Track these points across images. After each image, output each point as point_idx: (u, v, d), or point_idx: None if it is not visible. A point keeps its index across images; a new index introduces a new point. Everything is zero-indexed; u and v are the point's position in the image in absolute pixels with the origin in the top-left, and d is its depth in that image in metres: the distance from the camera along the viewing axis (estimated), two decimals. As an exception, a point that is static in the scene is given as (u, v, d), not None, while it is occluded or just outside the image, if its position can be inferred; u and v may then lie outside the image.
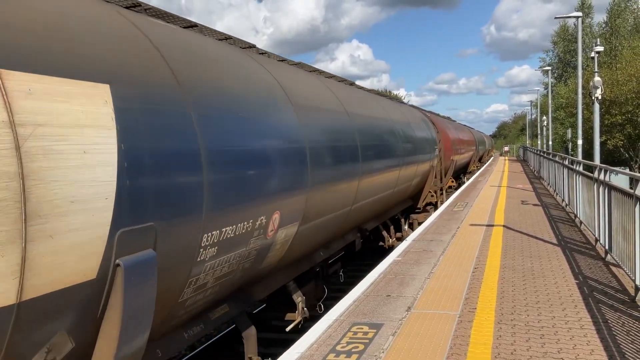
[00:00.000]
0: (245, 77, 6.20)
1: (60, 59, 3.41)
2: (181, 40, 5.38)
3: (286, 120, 6.63)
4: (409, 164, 14.22)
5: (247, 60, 6.76)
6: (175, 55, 4.84)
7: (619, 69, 45.70)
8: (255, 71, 6.65)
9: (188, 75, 4.82)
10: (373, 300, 7.06)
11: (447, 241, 11.02)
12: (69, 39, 3.60)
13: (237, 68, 6.20)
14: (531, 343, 5.44)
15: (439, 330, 5.86)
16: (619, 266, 8.12)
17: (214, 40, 6.72)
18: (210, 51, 5.92)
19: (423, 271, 8.51)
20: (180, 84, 4.60)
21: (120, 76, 3.85)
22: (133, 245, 3.65)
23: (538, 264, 8.77)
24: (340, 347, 5.42)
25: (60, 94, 3.25)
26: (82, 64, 3.55)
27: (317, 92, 8.77)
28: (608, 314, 6.26)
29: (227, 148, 5.06)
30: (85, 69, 3.54)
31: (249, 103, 5.83)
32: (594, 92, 23.76)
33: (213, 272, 4.94)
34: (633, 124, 43.94)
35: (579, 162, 13.81)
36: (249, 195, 5.35)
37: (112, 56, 3.91)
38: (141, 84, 4.09)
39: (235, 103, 5.52)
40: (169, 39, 5.09)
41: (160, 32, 5.01)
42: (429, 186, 18.19)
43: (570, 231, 11.99)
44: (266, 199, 5.67)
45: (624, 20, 61.68)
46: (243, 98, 5.77)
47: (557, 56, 72.91)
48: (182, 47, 5.22)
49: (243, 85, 5.98)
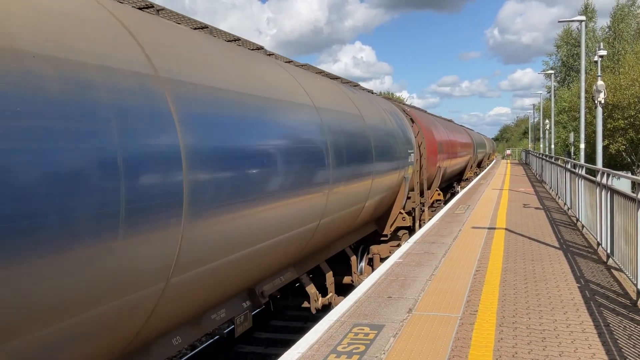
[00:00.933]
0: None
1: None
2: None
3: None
4: (353, 178, 9.09)
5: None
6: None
7: (621, 73, 45.64)
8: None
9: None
10: (374, 301, 7.05)
11: (449, 243, 11.01)
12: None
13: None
14: (533, 346, 5.43)
15: (440, 332, 5.85)
16: (621, 270, 8.11)
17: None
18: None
19: (424, 273, 8.50)
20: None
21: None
22: None
23: (540, 267, 8.76)
24: (341, 348, 5.42)
25: None
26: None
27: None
28: (610, 318, 6.25)
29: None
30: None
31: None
32: (597, 96, 23.76)
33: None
34: (635, 129, 43.87)
35: (581, 166, 13.80)
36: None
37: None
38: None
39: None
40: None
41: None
42: (400, 204, 13.03)
43: (572, 235, 11.97)
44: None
45: (627, 25, 61.63)
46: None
47: (561, 60, 72.82)
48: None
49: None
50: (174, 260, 4.37)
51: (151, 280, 4.18)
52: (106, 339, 4.00)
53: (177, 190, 4.30)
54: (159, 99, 4.33)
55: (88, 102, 3.58)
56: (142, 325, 4.33)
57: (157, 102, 4.30)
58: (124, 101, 3.90)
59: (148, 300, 4.22)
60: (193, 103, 4.80)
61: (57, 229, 3.23)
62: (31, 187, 3.09)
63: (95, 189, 3.49)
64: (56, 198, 3.23)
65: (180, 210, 4.32)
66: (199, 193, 4.59)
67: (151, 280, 4.18)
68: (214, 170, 4.89)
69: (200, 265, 4.83)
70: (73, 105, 3.45)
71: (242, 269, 5.94)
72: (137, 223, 3.86)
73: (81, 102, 3.52)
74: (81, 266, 3.44)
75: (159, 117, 4.27)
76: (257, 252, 6.06)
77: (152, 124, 4.16)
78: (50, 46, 3.45)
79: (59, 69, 3.43)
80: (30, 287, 3.12)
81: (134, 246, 3.86)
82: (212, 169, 4.86)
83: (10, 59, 3.12)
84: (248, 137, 5.66)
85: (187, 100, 4.73)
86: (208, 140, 4.87)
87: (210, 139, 4.92)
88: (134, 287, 4.00)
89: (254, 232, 5.81)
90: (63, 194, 3.27)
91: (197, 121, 4.77)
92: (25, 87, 3.15)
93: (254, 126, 5.84)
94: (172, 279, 4.43)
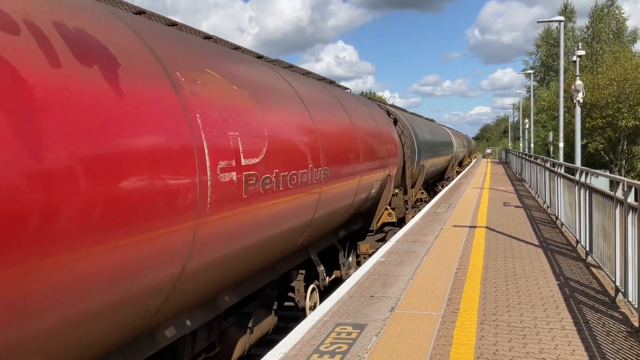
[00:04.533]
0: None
1: None
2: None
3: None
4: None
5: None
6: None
7: (600, 73, 46.32)
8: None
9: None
10: (357, 300, 7.07)
11: (431, 242, 11.08)
12: None
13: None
14: (513, 343, 5.48)
15: (422, 330, 5.88)
16: (600, 267, 8.21)
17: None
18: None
19: (407, 272, 8.54)
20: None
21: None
22: None
23: (520, 265, 8.85)
24: (323, 348, 5.42)
25: None
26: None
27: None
28: (589, 315, 6.33)
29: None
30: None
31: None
32: (576, 95, 24.04)
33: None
34: (613, 128, 44.51)
35: (560, 165, 13.95)
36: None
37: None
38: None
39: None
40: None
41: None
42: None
43: (552, 233, 12.10)
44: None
45: (605, 25, 62.47)
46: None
47: (540, 59, 73.60)
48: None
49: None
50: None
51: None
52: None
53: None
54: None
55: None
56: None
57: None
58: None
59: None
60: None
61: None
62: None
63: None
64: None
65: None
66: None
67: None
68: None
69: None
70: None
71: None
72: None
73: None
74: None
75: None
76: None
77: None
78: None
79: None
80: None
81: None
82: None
83: None
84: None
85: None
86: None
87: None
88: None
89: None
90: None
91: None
92: None
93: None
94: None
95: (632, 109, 42.54)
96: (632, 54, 49.57)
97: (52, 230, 3.11)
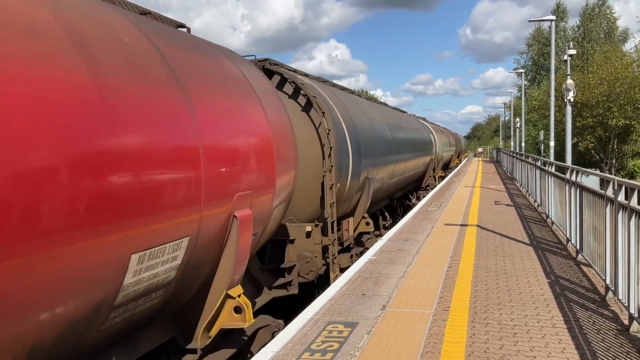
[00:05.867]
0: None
1: None
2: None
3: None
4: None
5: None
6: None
7: (590, 72, 46.55)
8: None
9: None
10: (348, 299, 7.07)
11: (422, 241, 11.09)
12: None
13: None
14: (504, 341, 5.49)
15: (413, 328, 5.89)
16: (590, 266, 8.25)
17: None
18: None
19: (398, 270, 8.55)
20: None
21: None
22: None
23: (511, 264, 8.87)
24: (315, 346, 5.42)
25: None
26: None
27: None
28: (579, 313, 6.36)
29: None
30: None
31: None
32: (566, 94, 24.13)
33: None
34: (604, 127, 44.77)
35: (551, 164, 14.00)
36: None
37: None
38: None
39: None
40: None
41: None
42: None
43: (542, 231, 12.15)
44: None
45: (596, 25, 62.76)
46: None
47: (532, 59, 73.84)
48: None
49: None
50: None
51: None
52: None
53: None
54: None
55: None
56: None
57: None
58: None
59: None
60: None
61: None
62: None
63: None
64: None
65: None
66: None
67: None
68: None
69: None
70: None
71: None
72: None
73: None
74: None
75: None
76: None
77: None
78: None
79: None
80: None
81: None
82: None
83: None
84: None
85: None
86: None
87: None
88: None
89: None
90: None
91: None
92: None
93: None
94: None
95: (622, 108, 42.80)
96: (622, 53, 49.83)
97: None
